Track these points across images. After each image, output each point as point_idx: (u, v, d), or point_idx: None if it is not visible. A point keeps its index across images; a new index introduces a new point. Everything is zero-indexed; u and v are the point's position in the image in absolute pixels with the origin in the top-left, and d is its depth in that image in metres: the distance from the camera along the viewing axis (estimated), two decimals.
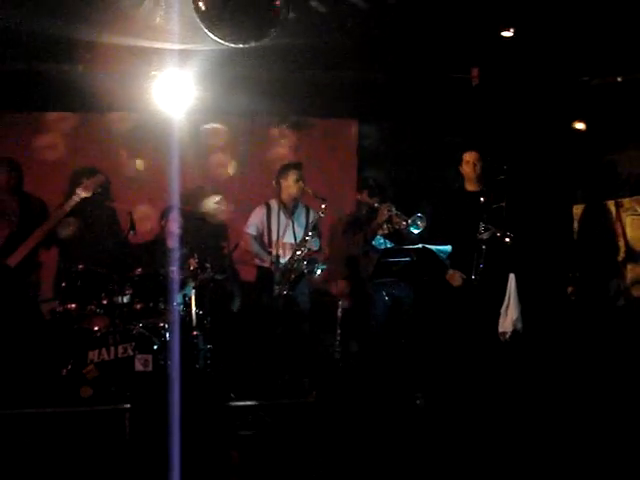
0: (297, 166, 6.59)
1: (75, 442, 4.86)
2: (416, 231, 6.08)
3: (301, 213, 6.66)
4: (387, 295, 6.40)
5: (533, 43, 5.92)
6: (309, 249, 6.37)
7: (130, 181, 6.98)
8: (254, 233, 6.62)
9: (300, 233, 6.48)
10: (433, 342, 6.15)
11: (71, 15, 5.03)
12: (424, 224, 6.04)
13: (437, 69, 6.58)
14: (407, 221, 6.06)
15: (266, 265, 6.53)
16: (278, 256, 6.43)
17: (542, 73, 6.55)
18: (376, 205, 6.38)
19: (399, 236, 6.40)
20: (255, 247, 6.62)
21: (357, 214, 6.98)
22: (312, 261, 6.36)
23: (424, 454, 4.59)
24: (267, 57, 5.91)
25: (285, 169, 6.59)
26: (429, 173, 7.34)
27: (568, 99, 7.02)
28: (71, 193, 6.17)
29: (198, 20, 3.80)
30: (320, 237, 6.61)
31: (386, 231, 6.40)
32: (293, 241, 6.48)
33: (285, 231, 6.53)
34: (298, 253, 6.35)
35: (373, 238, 6.47)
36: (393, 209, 6.23)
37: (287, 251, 6.51)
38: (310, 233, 6.39)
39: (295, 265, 6.37)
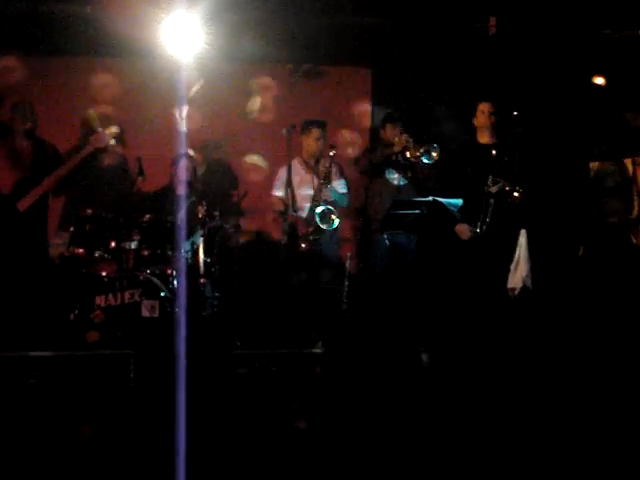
0: (320, 124, 6.49)
1: (81, 386, 4.92)
2: (427, 161, 6.06)
3: (323, 162, 6.50)
4: (388, 240, 6.36)
5: None
6: (325, 200, 6.33)
7: (140, 127, 6.90)
8: (280, 194, 6.52)
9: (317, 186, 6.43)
10: (439, 294, 6.13)
11: None
12: (437, 154, 6.01)
13: (454, 17, 6.43)
14: (420, 150, 6.03)
15: (293, 220, 6.44)
16: (298, 210, 6.42)
17: (561, 24, 6.39)
18: (397, 139, 6.30)
19: (413, 171, 6.44)
20: (282, 208, 6.49)
21: (373, 146, 6.93)
22: (326, 214, 6.26)
23: (427, 412, 4.57)
24: (279, 1, 5.78)
25: (307, 126, 6.48)
26: (443, 124, 7.23)
27: (587, 52, 6.85)
28: (84, 140, 6.16)
29: None
30: (342, 187, 6.56)
31: (400, 160, 6.36)
32: (311, 193, 6.44)
33: (302, 185, 6.48)
34: (314, 206, 6.31)
35: (386, 165, 6.47)
36: (411, 140, 6.14)
37: (305, 204, 6.47)
38: (325, 184, 6.34)
39: (311, 220, 6.31)
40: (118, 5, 5.48)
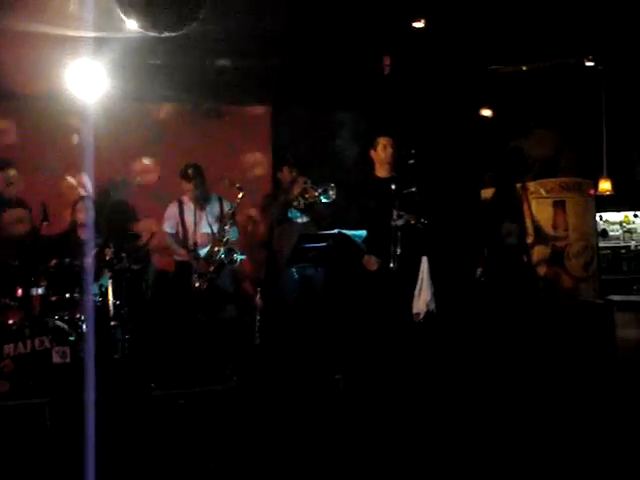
0: (196, 173, 6.50)
1: None
2: (326, 200, 6.26)
3: (214, 205, 6.67)
4: (298, 274, 6.48)
5: (443, 33, 6.07)
6: (227, 240, 6.42)
7: (42, 171, 6.82)
8: (170, 231, 6.63)
9: (214, 224, 6.52)
10: (350, 324, 6.27)
11: None
12: (334, 193, 6.21)
13: (351, 57, 6.66)
14: (318, 191, 6.24)
15: (185, 259, 6.55)
16: (195, 249, 6.46)
17: (452, 61, 6.70)
18: (295, 178, 6.50)
19: (312, 210, 6.58)
20: (173, 244, 6.64)
21: (274, 193, 7.04)
22: (230, 251, 6.40)
23: (345, 435, 4.70)
24: (180, 45, 5.83)
25: (184, 172, 6.52)
26: (340, 159, 7.45)
27: (476, 87, 7.22)
28: None
29: (117, 7, 3.75)
30: (237, 226, 6.66)
31: (301, 206, 6.51)
32: (209, 232, 6.51)
33: (199, 224, 6.54)
34: (216, 245, 6.40)
35: (288, 209, 6.59)
36: (308, 181, 6.38)
37: (204, 243, 6.53)
38: (227, 223, 6.43)
39: (214, 257, 6.41)
40: (20, 50, 5.45)
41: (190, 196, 6.57)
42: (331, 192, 6.23)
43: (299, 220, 6.65)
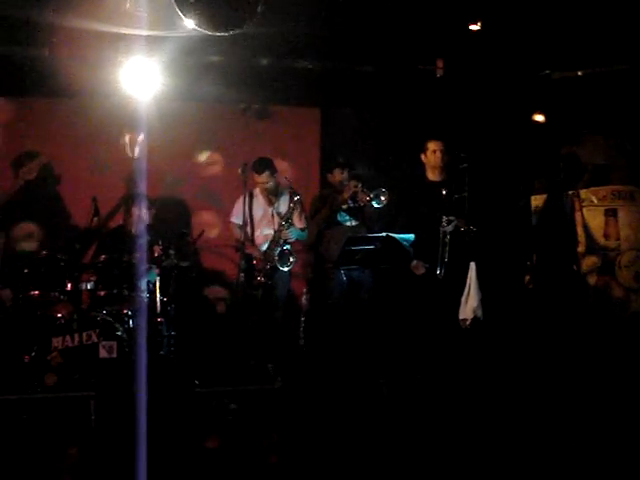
0: (268, 165, 6.51)
1: (40, 430, 4.85)
2: (377, 205, 6.22)
3: (285, 200, 6.58)
4: (345, 276, 6.42)
5: (498, 36, 6.02)
6: (285, 240, 6.40)
7: (94, 167, 6.93)
8: (238, 222, 6.59)
9: (281, 219, 6.49)
10: (396, 328, 6.25)
11: None
12: (386, 198, 6.17)
13: (403, 59, 6.64)
14: (370, 195, 6.19)
15: (250, 252, 6.53)
16: (256, 244, 6.49)
17: (505, 66, 6.65)
18: (345, 182, 6.46)
19: (362, 214, 6.53)
20: (240, 235, 6.58)
21: (322, 194, 6.97)
22: (284, 254, 6.36)
23: (388, 441, 4.67)
24: (234, 44, 5.89)
25: (256, 167, 6.48)
26: (392, 162, 7.43)
27: (529, 91, 7.14)
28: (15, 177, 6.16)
29: (175, 6, 3.78)
30: (302, 225, 6.62)
31: (351, 205, 6.45)
32: (270, 232, 6.50)
33: (264, 218, 6.55)
34: (273, 245, 6.40)
35: (338, 212, 6.56)
36: (359, 185, 6.33)
37: (263, 241, 6.53)
38: (285, 225, 6.42)
39: (271, 255, 6.39)
40: (76, 48, 5.53)
41: (262, 189, 6.57)
42: (383, 197, 6.18)
43: (348, 224, 6.60)
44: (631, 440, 4.55)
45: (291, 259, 6.37)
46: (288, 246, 6.40)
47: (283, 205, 6.57)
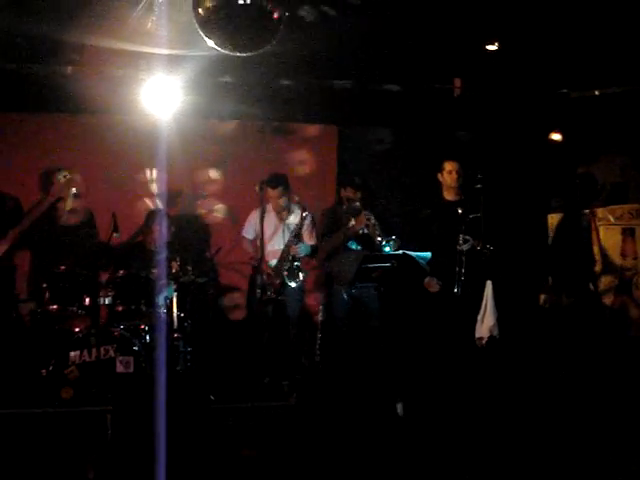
0: (281, 180, 6.56)
1: (56, 443, 4.86)
2: (387, 249, 6.11)
3: (296, 216, 6.60)
4: (347, 295, 6.42)
5: (515, 56, 6.04)
6: (294, 256, 6.43)
7: (113, 183, 6.98)
8: (249, 237, 6.68)
9: (290, 236, 6.51)
10: (410, 346, 6.24)
11: (61, 16, 5.04)
12: (397, 247, 6.07)
13: (421, 79, 6.68)
14: (381, 238, 6.13)
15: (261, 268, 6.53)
16: (266, 260, 6.49)
17: (522, 85, 6.68)
18: (358, 204, 6.41)
19: (370, 243, 6.42)
20: (251, 249, 6.67)
21: (335, 211, 6.86)
22: (293, 270, 6.37)
23: (403, 460, 4.66)
24: (252, 63, 5.94)
25: (270, 182, 6.52)
26: (408, 180, 7.45)
27: (546, 111, 7.16)
28: (45, 194, 6.20)
29: (197, 26, 3.83)
30: (313, 241, 6.65)
31: (360, 232, 6.39)
32: (281, 247, 6.53)
33: (275, 234, 6.59)
34: (283, 261, 6.41)
35: (349, 239, 6.52)
36: (372, 219, 6.27)
37: (277, 255, 6.56)
38: (295, 240, 6.44)
39: (281, 271, 6.41)
40: (98, 66, 5.61)
41: (274, 205, 6.61)
42: (394, 245, 6.07)
43: (354, 247, 6.54)
44: None
45: (300, 275, 6.38)
46: (297, 262, 6.42)
47: (294, 221, 6.60)
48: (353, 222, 6.35)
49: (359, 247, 6.54)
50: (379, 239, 6.15)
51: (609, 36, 5.67)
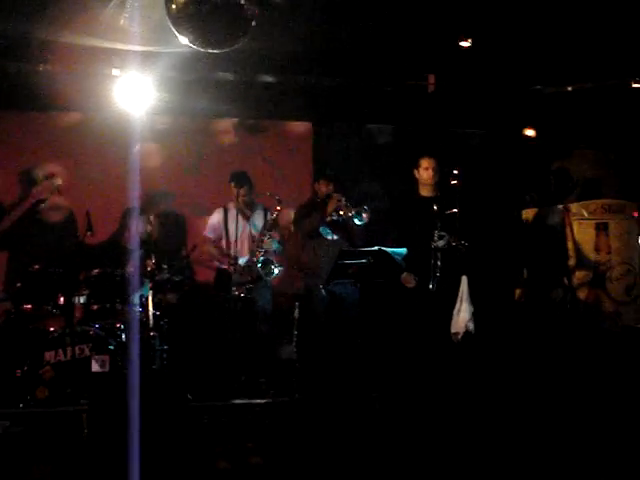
0: (241, 179, 6.57)
1: (32, 444, 4.84)
2: (359, 222, 6.24)
3: (259, 215, 6.70)
4: (325, 292, 6.45)
5: (488, 53, 6.06)
6: (266, 250, 6.43)
7: (87, 181, 6.94)
8: (212, 237, 6.68)
9: (257, 235, 6.54)
10: (386, 342, 6.26)
11: (32, 13, 5.00)
12: (367, 216, 6.20)
13: (395, 75, 6.68)
14: (352, 211, 6.22)
15: (224, 267, 6.56)
16: (236, 258, 6.48)
17: (496, 81, 6.71)
18: (331, 193, 6.48)
19: (344, 228, 6.54)
20: (214, 250, 6.68)
21: (309, 203, 6.97)
22: (267, 263, 6.40)
23: (380, 454, 4.68)
24: (225, 60, 5.92)
25: (230, 180, 6.59)
26: (383, 177, 7.46)
27: (520, 107, 7.20)
28: (26, 193, 6.14)
29: (169, 23, 3.82)
30: (279, 238, 6.66)
31: (335, 218, 6.45)
32: (251, 243, 6.54)
33: (243, 233, 6.59)
34: (255, 254, 6.41)
35: (322, 224, 6.56)
36: (343, 199, 6.35)
37: (245, 253, 6.57)
38: (266, 234, 6.46)
39: (252, 267, 6.41)
40: (70, 64, 5.56)
41: (236, 203, 6.62)
42: (364, 215, 6.21)
43: (329, 237, 6.61)
44: (621, 451, 4.58)
45: (274, 268, 6.38)
46: (270, 256, 6.42)
47: (258, 219, 6.66)
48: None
49: (334, 235, 6.58)
50: (350, 214, 6.22)
51: (581, 32, 5.70)
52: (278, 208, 6.42)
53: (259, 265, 6.35)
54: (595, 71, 6.58)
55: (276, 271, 6.39)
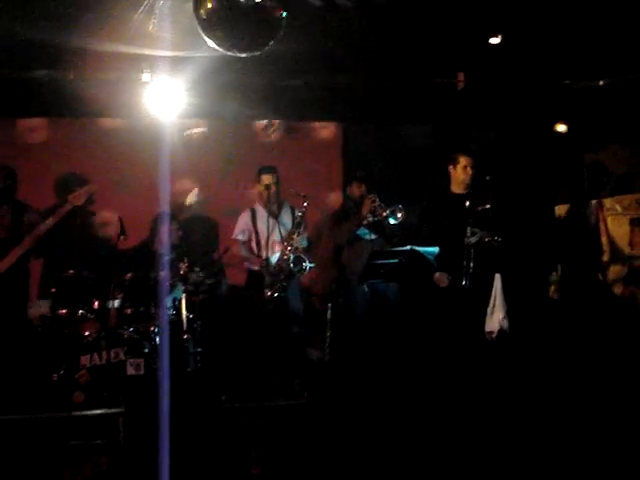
0: (268, 170, 6.64)
1: (70, 447, 4.88)
2: (394, 222, 6.30)
3: (287, 213, 6.72)
4: (368, 288, 6.43)
5: (518, 48, 6.02)
6: (296, 247, 6.44)
7: (120, 187, 7.02)
8: (242, 238, 6.70)
9: (286, 234, 6.55)
10: (421, 341, 6.23)
11: (63, 21, 5.05)
12: (402, 215, 6.25)
13: (424, 73, 6.66)
14: (387, 211, 6.26)
15: (256, 268, 6.58)
16: (267, 258, 6.49)
17: (526, 77, 6.66)
18: (364, 195, 6.52)
19: (382, 228, 6.58)
20: (244, 252, 6.70)
21: (344, 207, 7.05)
22: (299, 260, 6.41)
23: (416, 455, 4.65)
24: (255, 63, 5.91)
25: (258, 173, 6.66)
26: (414, 175, 7.43)
27: (551, 101, 7.13)
28: (62, 201, 6.21)
29: (199, 28, 3.84)
30: (308, 235, 6.69)
31: (370, 220, 6.51)
32: (280, 240, 6.56)
33: (272, 233, 6.58)
34: (286, 252, 6.42)
35: (358, 228, 6.61)
36: (377, 200, 6.38)
37: (275, 252, 6.58)
38: (295, 231, 6.47)
39: (284, 265, 6.42)
40: (100, 71, 5.61)
41: (264, 202, 6.64)
42: (399, 214, 6.25)
43: (367, 237, 6.64)
44: None
45: (305, 265, 6.39)
46: (300, 254, 6.44)
47: (286, 217, 6.70)
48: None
49: (372, 235, 6.60)
50: (385, 214, 6.27)
51: (610, 26, 5.64)
52: (305, 205, 6.43)
53: (291, 262, 6.37)
54: (624, 65, 6.51)
55: (308, 267, 6.41)
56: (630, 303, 7.30)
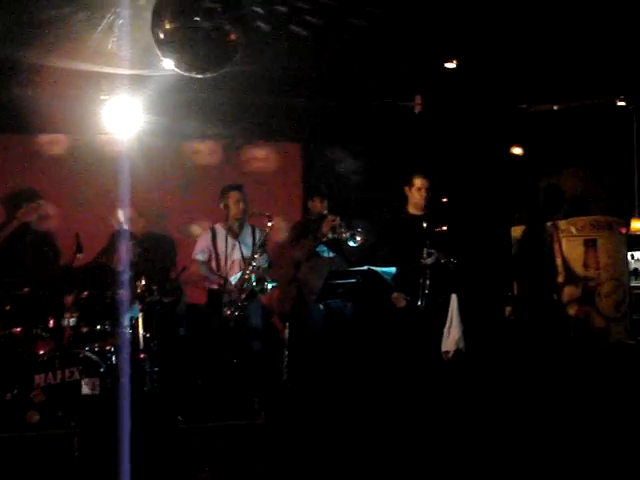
0: (237, 187, 6.62)
1: (23, 468, 4.82)
2: (353, 244, 6.31)
3: (247, 233, 6.68)
4: (323, 306, 6.47)
5: (474, 72, 6.13)
6: (258, 267, 6.42)
7: (76, 204, 6.97)
8: (202, 258, 6.65)
9: (247, 253, 6.52)
10: (378, 361, 6.26)
11: (20, 38, 5.03)
12: (362, 239, 6.27)
13: (382, 96, 6.74)
14: (347, 233, 6.29)
15: (216, 287, 6.55)
16: (226, 278, 6.47)
17: (482, 101, 6.77)
18: (325, 212, 6.56)
19: (340, 246, 6.59)
20: (204, 271, 6.65)
21: (304, 222, 7.08)
22: (261, 279, 6.39)
23: (374, 473, 4.67)
24: (215, 82, 5.93)
25: (225, 191, 6.61)
26: (372, 196, 7.49)
27: (506, 126, 7.26)
28: (10, 217, 6.14)
29: (156, 49, 3.85)
30: (268, 254, 6.68)
31: (330, 237, 6.51)
32: (241, 260, 6.54)
33: (232, 253, 6.57)
34: (247, 272, 6.41)
35: (317, 245, 6.63)
36: (338, 219, 6.41)
37: (236, 272, 6.54)
38: (258, 251, 6.46)
39: (245, 285, 6.41)
40: (58, 87, 5.58)
41: (224, 224, 6.62)
42: (359, 237, 6.28)
43: (325, 255, 6.68)
44: (611, 467, 4.59)
45: (267, 284, 6.38)
46: (263, 273, 6.43)
47: (247, 237, 6.66)
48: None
49: (331, 253, 6.65)
50: (344, 235, 6.30)
51: (565, 51, 5.77)
52: (269, 224, 6.42)
53: (253, 282, 6.36)
54: (579, 90, 6.66)
55: (270, 286, 6.40)
56: (584, 323, 7.43)
